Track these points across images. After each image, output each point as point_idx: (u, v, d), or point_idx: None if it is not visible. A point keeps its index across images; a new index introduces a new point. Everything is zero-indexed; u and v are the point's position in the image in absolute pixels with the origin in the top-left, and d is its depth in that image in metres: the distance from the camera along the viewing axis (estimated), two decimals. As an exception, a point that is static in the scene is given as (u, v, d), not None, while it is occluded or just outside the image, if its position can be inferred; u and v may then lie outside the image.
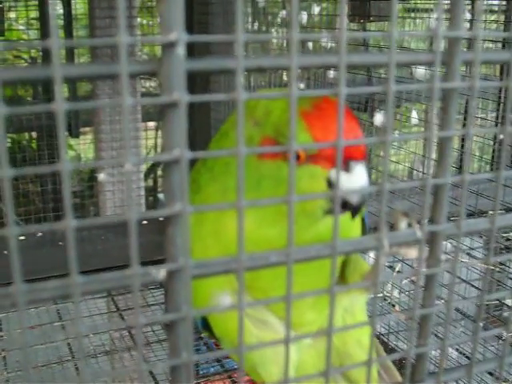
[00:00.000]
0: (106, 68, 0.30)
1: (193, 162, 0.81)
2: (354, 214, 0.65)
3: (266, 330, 0.78)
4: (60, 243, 1.66)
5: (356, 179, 0.63)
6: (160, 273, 0.34)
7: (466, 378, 0.48)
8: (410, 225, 0.51)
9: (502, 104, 1.91)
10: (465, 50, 0.42)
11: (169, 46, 0.31)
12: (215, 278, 0.36)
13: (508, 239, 1.57)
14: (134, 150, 2.31)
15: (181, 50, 0.31)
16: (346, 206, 0.64)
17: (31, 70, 0.30)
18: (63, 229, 0.32)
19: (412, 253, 0.54)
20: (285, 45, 1.81)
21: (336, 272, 0.77)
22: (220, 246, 0.72)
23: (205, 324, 0.85)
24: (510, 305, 1.54)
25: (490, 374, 1.32)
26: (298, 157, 0.64)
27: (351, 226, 0.77)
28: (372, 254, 1.51)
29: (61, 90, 0.29)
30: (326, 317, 0.75)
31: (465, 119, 2.03)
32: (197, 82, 1.80)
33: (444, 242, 0.42)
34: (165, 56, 0.31)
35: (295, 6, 0.32)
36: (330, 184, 0.65)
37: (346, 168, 0.63)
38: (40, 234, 1.62)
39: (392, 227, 0.52)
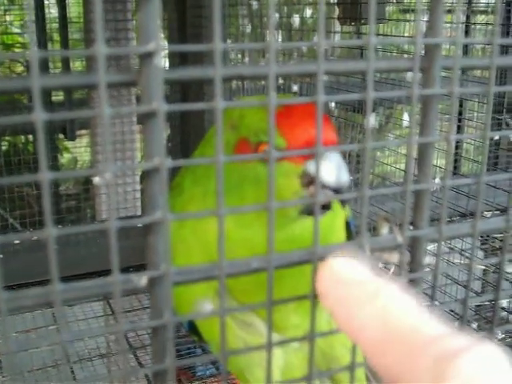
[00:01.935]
0: (84, 78, 0.31)
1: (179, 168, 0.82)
2: (341, 202, 0.65)
3: (251, 333, 0.79)
4: (55, 247, 1.66)
5: (331, 165, 0.62)
6: (141, 280, 0.35)
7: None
8: (391, 229, 0.51)
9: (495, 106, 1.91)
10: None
11: (147, 56, 0.31)
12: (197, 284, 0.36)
13: (502, 240, 1.58)
14: (129, 152, 2.32)
15: (159, 60, 0.31)
16: (323, 206, 0.64)
17: (10, 82, 0.30)
18: (45, 237, 0.32)
19: (394, 258, 0.54)
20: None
21: None
22: (201, 246, 0.73)
23: (192, 328, 0.85)
24: (504, 306, 1.54)
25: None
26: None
27: (332, 230, 0.77)
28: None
29: (39, 101, 0.29)
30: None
31: (459, 121, 2.03)
32: (191, 86, 1.80)
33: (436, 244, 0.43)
34: (143, 66, 0.31)
35: (272, 15, 0.32)
36: (305, 177, 0.65)
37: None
38: (35, 237, 1.62)
39: (374, 231, 0.52)
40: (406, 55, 1.88)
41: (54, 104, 2.69)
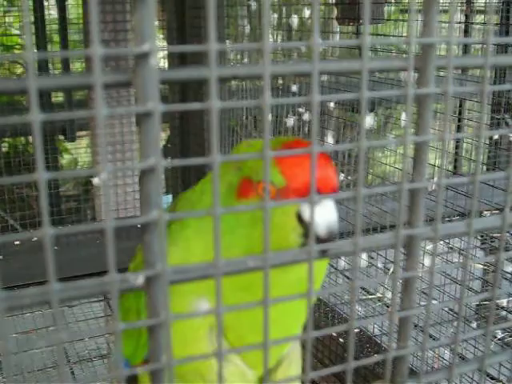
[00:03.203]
0: (80, 79, 0.31)
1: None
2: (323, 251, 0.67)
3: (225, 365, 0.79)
4: (55, 248, 1.67)
5: (324, 213, 0.65)
6: (138, 279, 0.35)
7: (448, 379, 0.49)
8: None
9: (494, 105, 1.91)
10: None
11: (142, 57, 0.31)
12: (193, 289, 0.37)
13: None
14: (129, 153, 2.32)
15: (154, 61, 0.32)
16: (319, 240, 0.65)
17: (8, 83, 0.30)
18: (41, 237, 0.32)
19: None
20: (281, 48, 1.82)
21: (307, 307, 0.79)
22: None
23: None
24: (504, 305, 1.54)
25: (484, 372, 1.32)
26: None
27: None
28: (364, 256, 1.52)
29: (36, 102, 0.29)
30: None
31: (459, 121, 2.04)
32: (190, 87, 1.81)
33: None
34: (138, 66, 0.32)
35: (267, 16, 0.33)
36: (301, 218, 0.68)
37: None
38: (35, 238, 1.63)
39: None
40: (405, 55, 1.89)
41: (53, 105, 2.70)
